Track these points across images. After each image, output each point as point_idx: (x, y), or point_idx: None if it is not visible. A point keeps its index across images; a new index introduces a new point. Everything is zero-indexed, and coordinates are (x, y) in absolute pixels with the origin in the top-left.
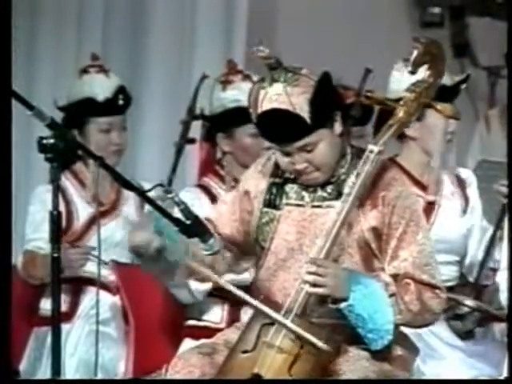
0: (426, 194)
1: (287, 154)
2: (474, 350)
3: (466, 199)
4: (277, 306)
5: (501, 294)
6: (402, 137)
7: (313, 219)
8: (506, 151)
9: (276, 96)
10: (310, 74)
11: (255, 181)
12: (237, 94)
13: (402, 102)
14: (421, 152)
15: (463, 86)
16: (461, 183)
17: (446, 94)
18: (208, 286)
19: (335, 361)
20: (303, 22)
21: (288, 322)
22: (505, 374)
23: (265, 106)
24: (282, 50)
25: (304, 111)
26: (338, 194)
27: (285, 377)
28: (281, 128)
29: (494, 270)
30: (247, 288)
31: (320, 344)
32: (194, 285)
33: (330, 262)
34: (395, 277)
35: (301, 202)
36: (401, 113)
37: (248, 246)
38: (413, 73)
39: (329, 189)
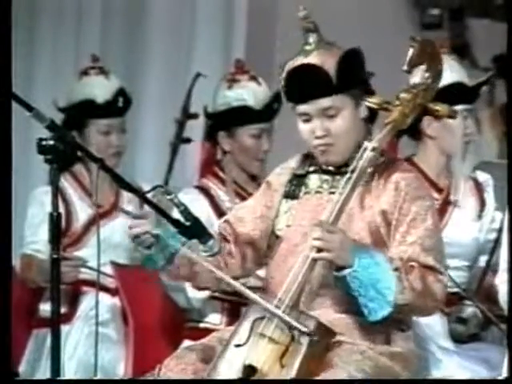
0: (440, 195)
1: (308, 121)
2: (469, 353)
3: (483, 203)
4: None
5: (500, 297)
6: (419, 135)
7: (329, 205)
8: (496, 152)
9: (307, 55)
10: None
11: (277, 175)
12: (242, 93)
13: (397, 102)
14: (438, 153)
15: (484, 88)
16: (478, 186)
17: (467, 95)
18: (205, 293)
19: (328, 353)
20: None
21: (275, 310)
22: (504, 374)
23: (295, 63)
24: (281, 50)
25: (331, 70)
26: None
27: (276, 367)
28: (306, 82)
29: (494, 272)
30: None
31: (302, 328)
32: (192, 292)
33: (336, 228)
34: (400, 260)
35: (319, 190)
36: (396, 113)
37: (263, 247)
38: (408, 72)
39: (346, 178)
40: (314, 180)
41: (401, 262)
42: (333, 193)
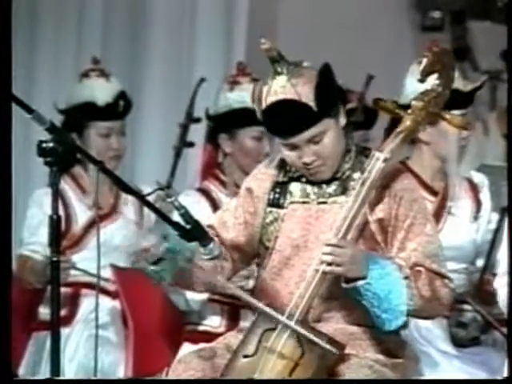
0: (436, 198)
1: (294, 148)
2: (469, 357)
3: (479, 204)
4: (281, 306)
5: (499, 300)
6: (413, 140)
7: (318, 215)
8: (503, 154)
9: (281, 88)
10: (311, 67)
11: (258, 181)
12: (244, 96)
13: (409, 111)
14: (433, 157)
15: (478, 93)
16: (473, 188)
17: (461, 101)
18: (204, 296)
19: (336, 368)
20: (304, 23)
21: (293, 324)
22: (505, 374)
23: (270, 99)
24: (281, 51)
25: (310, 100)
26: (344, 190)
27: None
28: (288, 119)
29: (495, 275)
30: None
31: (324, 345)
32: (190, 294)
33: (346, 242)
34: (407, 266)
35: (306, 200)
36: (408, 121)
37: (250, 251)
38: (422, 81)
39: (334, 185)
40: (298, 188)
41: (408, 268)
42: (322, 203)
